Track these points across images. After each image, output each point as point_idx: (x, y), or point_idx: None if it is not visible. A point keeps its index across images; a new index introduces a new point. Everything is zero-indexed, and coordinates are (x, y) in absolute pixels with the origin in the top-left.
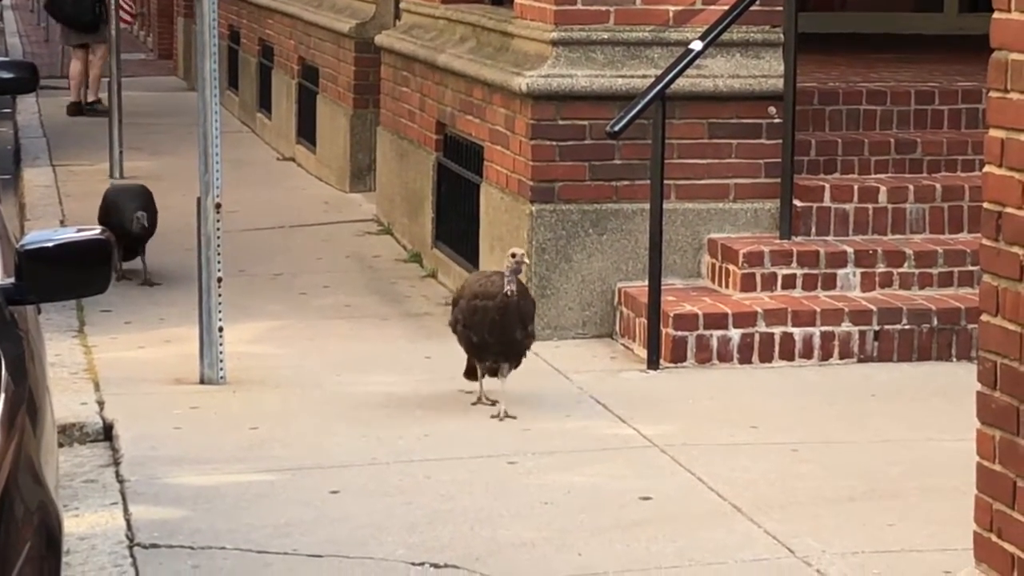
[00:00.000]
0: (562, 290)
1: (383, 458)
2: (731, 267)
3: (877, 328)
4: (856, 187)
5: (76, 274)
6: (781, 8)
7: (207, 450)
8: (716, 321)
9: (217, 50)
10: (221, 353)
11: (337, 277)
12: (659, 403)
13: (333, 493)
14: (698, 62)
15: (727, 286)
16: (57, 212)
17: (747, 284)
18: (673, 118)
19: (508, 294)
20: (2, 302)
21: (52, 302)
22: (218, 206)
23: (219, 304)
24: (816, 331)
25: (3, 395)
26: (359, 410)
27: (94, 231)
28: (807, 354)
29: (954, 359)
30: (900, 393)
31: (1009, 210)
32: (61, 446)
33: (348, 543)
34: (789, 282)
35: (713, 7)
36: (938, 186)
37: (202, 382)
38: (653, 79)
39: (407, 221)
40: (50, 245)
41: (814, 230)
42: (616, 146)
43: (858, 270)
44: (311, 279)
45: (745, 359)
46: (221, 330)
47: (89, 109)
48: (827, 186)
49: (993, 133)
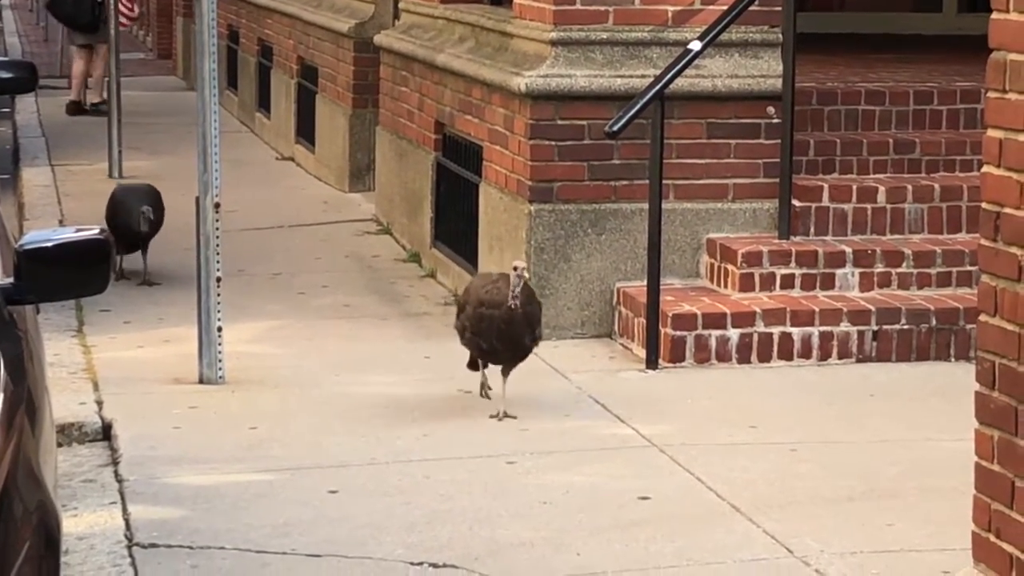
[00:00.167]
0: (561, 290)
1: (382, 458)
2: (730, 267)
3: (876, 328)
4: (855, 187)
5: (75, 274)
6: (780, 8)
7: (206, 450)
8: (715, 321)
9: (216, 50)
10: (220, 353)
11: (336, 277)
12: (658, 403)
13: (332, 493)
14: (697, 62)
15: (726, 286)
16: (56, 212)
17: (746, 284)
18: (672, 118)
19: (512, 307)
20: (1, 302)
21: (51, 302)
22: (217, 206)
23: (218, 304)
24: (815, 331)
25: (2, 395)
26: (358, 410)
27: (93, 231)
28: (806, 354)
29: (952, 359)
30: (899, 393)
31: (1007, 210)
32: (60, 446)
33: (347, 543)
34: (788, 282)
35: (712, 7)
36: (937, 186)
37: (201, 382)
38: (652, 79)
39: (406, 221)
40: (49, 245)
41: (813, 230)
42: (615, 146)
43: (857, 270)
44: (310, 279)
45: (744, 359)
46: (220, 330)
47: (94, 110)
48: (826, 186)
49: (991, 133)
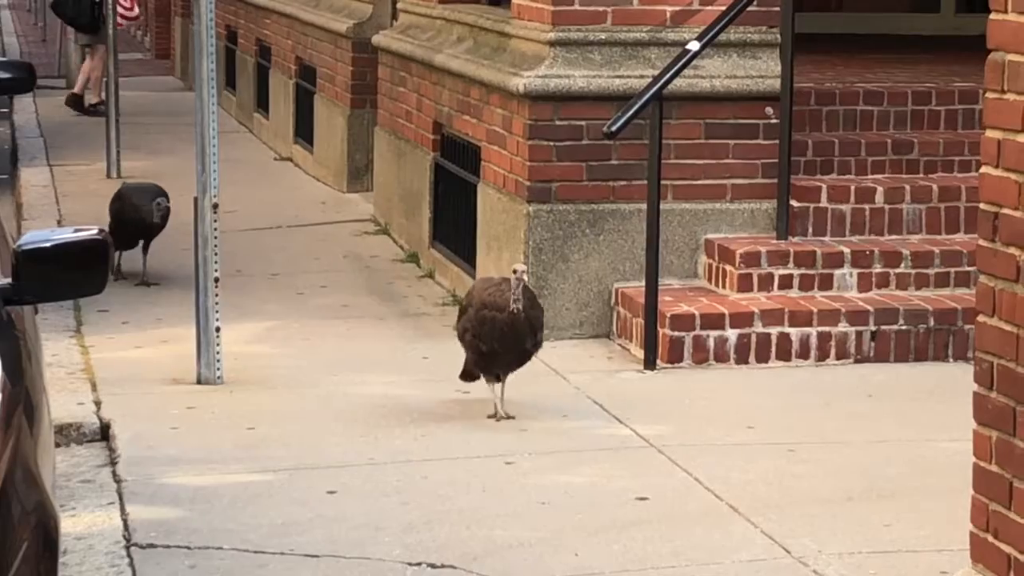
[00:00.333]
0: (559, 290)
1: (380, 458)
2: (728, 267)
3: (874, 328)
4: (853, 187)
5: (73, 274)
6: (778, 9)
7: (204, 450)
8: (713, 321)
9: (214, 50)
10: (218, 353)
11: (334, 277)
12: (656, 403)
13: (330, 493)
14: (695, 62)
15: (724, 286)
16: (54, 212)
17: (744, 284)
18: (670, 118)
19: (514, 311)
20: None
21: (49, 302)
22: (215, 206)
23: (216, 304)
24: (813, 331)
25: (0, 395)
26: (356, 410)
27: (91, 231)
28: (804, 354)
29: (951, 360)
30: (897, 394)
31: (1006, 211)
32: (58, 446)
33: (345, 543)
34: (786, 282)
35: (710, 8)
36: (935, 187)
37: (199, 382)
38: (650, 79)
39: (404, 221)
40: (47, 245)
41: (811, 230)
42: (613, 146)
43: (855, 270)
44: (308, 279)
45: (742, 359)
46: (218, 330)
47: (92, 110)
48: (824, 186)
49: (990, 134)
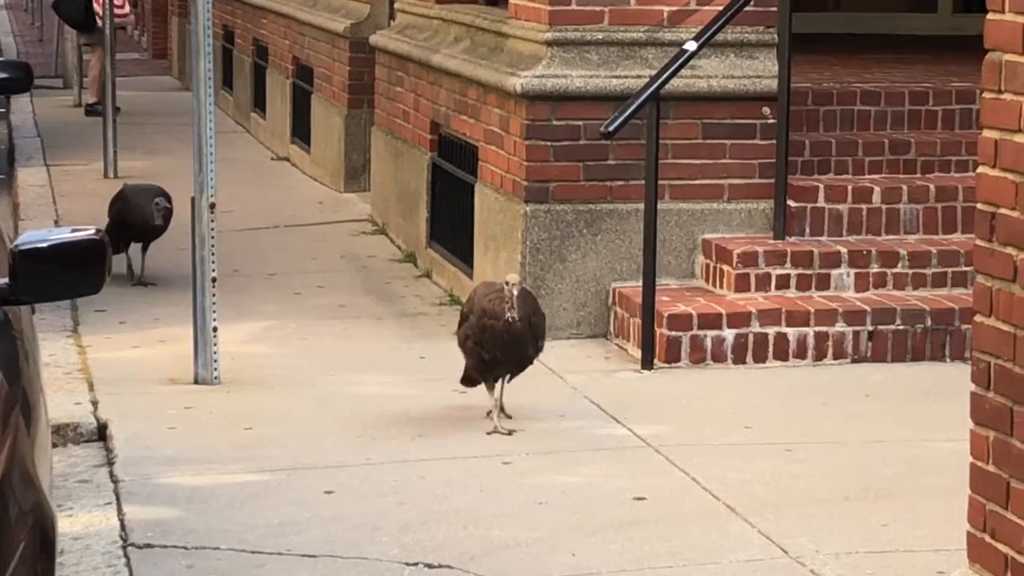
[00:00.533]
0: (556, 290)
1: (377, 458)
2: (725, 267)
3: (871, 328)
4: (850, 187)
5: (70, 274)
6: (775, 9)
7: (201, 450)
8: (710, 321)
9: (212, 50)
10: (215, 353)
11: (331, 277)
12: (653, 403)
13: (327, 493)
14: (692, 62)
15: (721, 286)
16: (51, 212)
17: (741, 284)
18: (667, 118)
19: (510, 320)
20: None
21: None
22: (212, 206)
23: (213, 304)
24: (810, 331)
25: None
26: (353, 410)
27: (88, 231)
28: (801, 354)
29: (948, 359)
30: (894, 393)
31: (1003, 211)
32: (55, 446)
33: (342, 543)
34: (783, 282)
35: (707, 7)
36: (932, 187)
37: (196, 382)
38: (647, 79)
39: (401, 221)
40: (44, 245)
41: (808, 230)
42: (610, 146)
43: (852, 270)
44: (305, 279)
45: (739, 359)
46: (215, 330)
47: (90, 110)
48: (821, 186)
49: (987, 134)
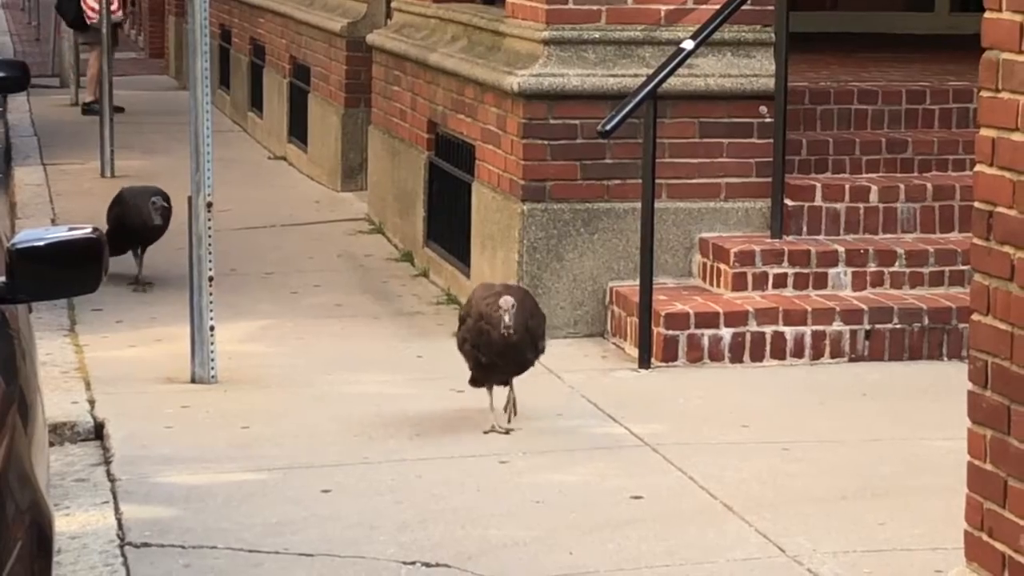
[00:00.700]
0: (553, 289)
1: (374, 457)
2: (722, 266)
3: (868, 327)
4: (847, 186)
5: (67, 273)
6: (772, 7)
7: (198, 449)
8: (707, 320)
9: (208, 49)
10: (212, 352)
11: (328, 276)
12: (650, 402)
13: (324, 492)
14: (689, 61)
15: (718, 285)
16: (48, 211)
17: (738, 283)
18: (664, 117)
19: (505, 335)
20: None
21: (43, 301)
22: (209, 205)
23: (210, 303)
24: (807, 330)
25: None
26: (350, 409)
27: (85, 230)
28: (798, 353)
29: (945, 358)
30: (891, 392)
31: (1000, 209)
32: (52, 445)
33: (339, 542)
34: (780, 281)
35: (704, 6)
36: (929, 185)
37: (193, 381)
38: (644, 78)
39: (399, 220)
40: (41, 244)
41: (805, 229)
42: (607, 145)
43: (849, 269)
44: (302, 278)
45: (736, 358)
46: (212, 329)
47: (87, 109)
48: (818, 185)
49: (984, 132)
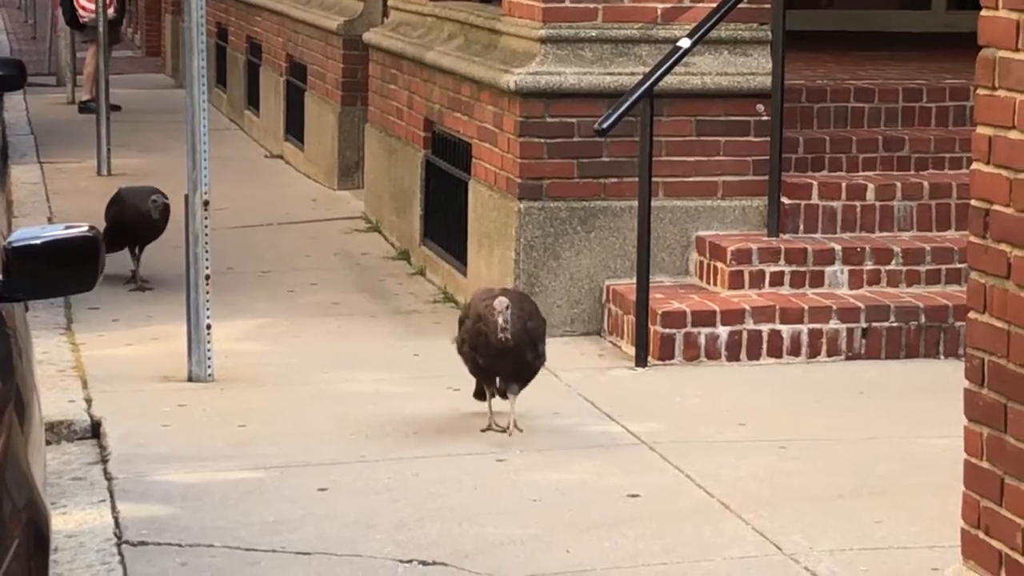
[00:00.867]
0: (550, 288)
1: (371, 456)
2: (719, 264)
3: (865, 325)
4: (844, 184)
5: (64, 271)
6: (769, 6)
7: (195, 447)
8: (704, 318)
9: (205, 47)
10: (209, 351)
11: (325, 274)
12: (647, 400)
13: (321, 490)
14: (686, 59)
15: (715, 283)
16: (45, 209)
17: (735, 281)
18: (661, 115)
19: (503, 340)
20: None
21: (40, 299)
22: (206, 203)
23: (207, 301)
24: (804, 328)
25: None
26: (347, 408)
27: (82, 228)
28: (795, 351)
29: (942, 356)
30: (888, 390)
31: (996, 207)
32: (49, 444)
33: (336, 540)
34: (777, 279)
35: (701, 4)
36: (926, 183)
37: (190, 379)
38: (641, 76)
39: (395, 218)
40: (38, 242)
41: (802, 227)
42: (604, 143)
43: (846, 267)
44: (299, 276)
45: (733, 356)
46: (209, 327)
47: (84, 107)
48: (815, 183)
49: (981, 130)
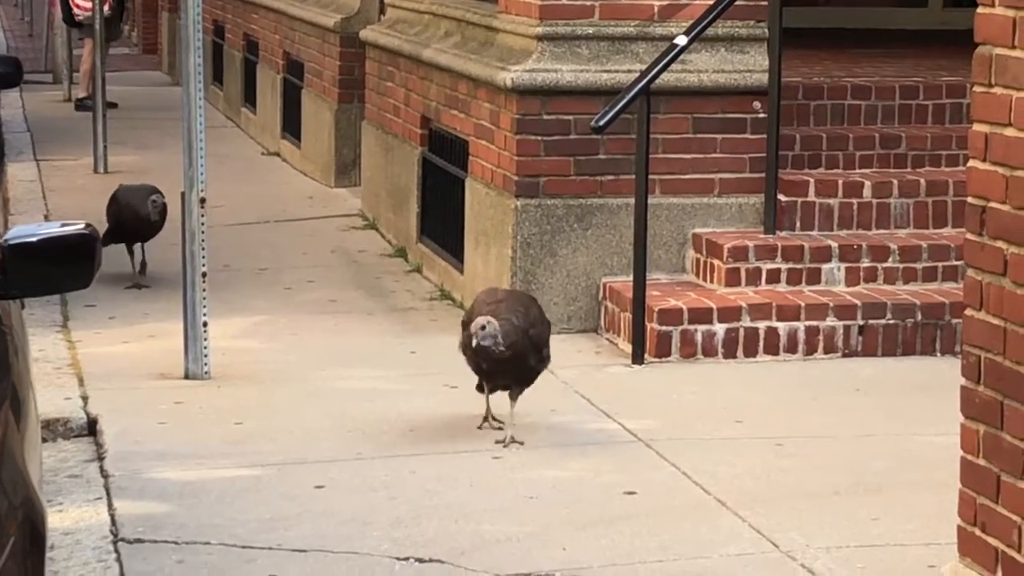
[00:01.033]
0: (547, 285)
1: (368, 453)
2: (716, 262)
3: (861, 323)
4: (840, 182)
5: (60, 269)
6: (766, 3)
7: (191, 445)
8: (701, 316)
9: (202, 45)
10: (206, 348)
11: (322, 272)
12: (644, 398)
13: (318, 488)
14: (683, 57)
15: (712, 281)
16: (41, 207)
17: (732, 279)
18: (658, 113)
19: (496, 352)
20: None
21: (36, 297)
22: (203, 201)
23: (203, 299)
24: (801, 326)
25: None
26: (344, 405)
27: (78, 225)
28: (792, 349)
29: (938, 354)
30: (884, 388)
31: (993, 204)
32: (45, 441)
33: (333, 538)
34: (774, 277)
35: (698, 2)
36: (922, 181)
37: (186, 377)
38: (638, 74)
39: (392, 216)
40: (34, 240)
41: (799, 225)
42: (601, 141)
43: (842, 265)
44: (296, 274)
45: (730, 354)
46: (206, 325)
47: (81, 105)
48: (812, 181)
49: (977, 128)
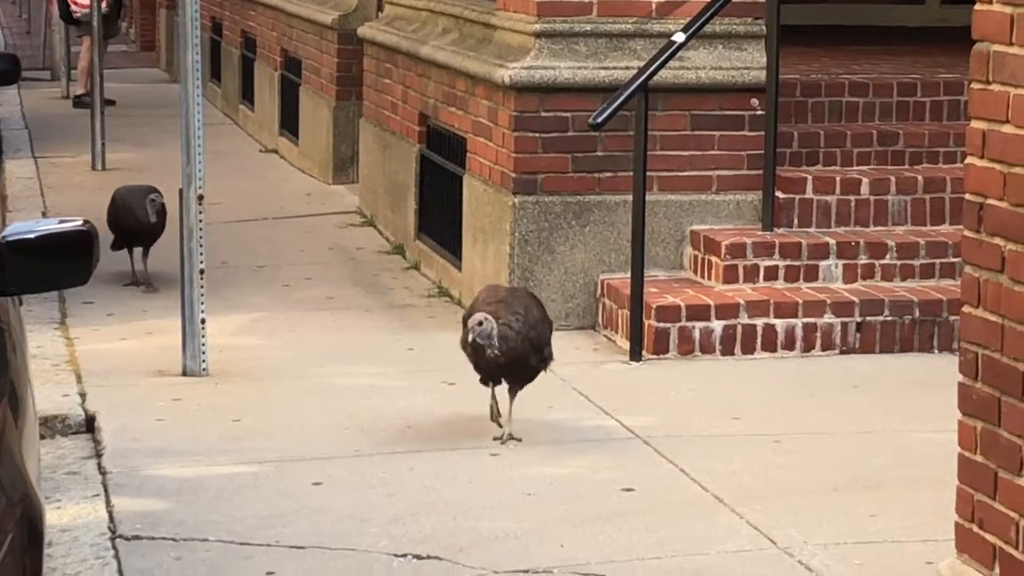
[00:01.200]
0: (545, 282)
1: (366, 450)
2: (713, 259)
3: (859, 320)
4: (838, 179)
5: (58, 265)
6: (763, 0)
7: (189, 442)
8: (698, 313)
9: (199, 42)
10: (203, 345)
11: (320, 269)
12: (641, 395)
13: (316, 485)
14: (681, 54)
15: (709, 278)
16: (39, 204)
17: (729, 276)
18: (656, 110)
19: (491, 356)
20: None
21: (34, 293)
22: (200, 198)
23: (201, 296)
24: (798, 323)
25: None
26: (342, 402)
27: (76, 222)
28: (789, 346)
29: (936, 350)
30: (882, 384)
31: (991, 201)
32: (43, 438)
33: (331, 535)
34: (771, 274)
35: None
36: (920, 178)
37: (184, 374)
38: (636, 71)
39: (390, 213)
40: (31, 236)
41: (796, 222)
42: (599, 138)
43: (840, 262)
44: (294, 271)
45: (727, 351)
46: (203, 322)
47: (78, 102)
48: (809, 178)
49: (975, 125)
